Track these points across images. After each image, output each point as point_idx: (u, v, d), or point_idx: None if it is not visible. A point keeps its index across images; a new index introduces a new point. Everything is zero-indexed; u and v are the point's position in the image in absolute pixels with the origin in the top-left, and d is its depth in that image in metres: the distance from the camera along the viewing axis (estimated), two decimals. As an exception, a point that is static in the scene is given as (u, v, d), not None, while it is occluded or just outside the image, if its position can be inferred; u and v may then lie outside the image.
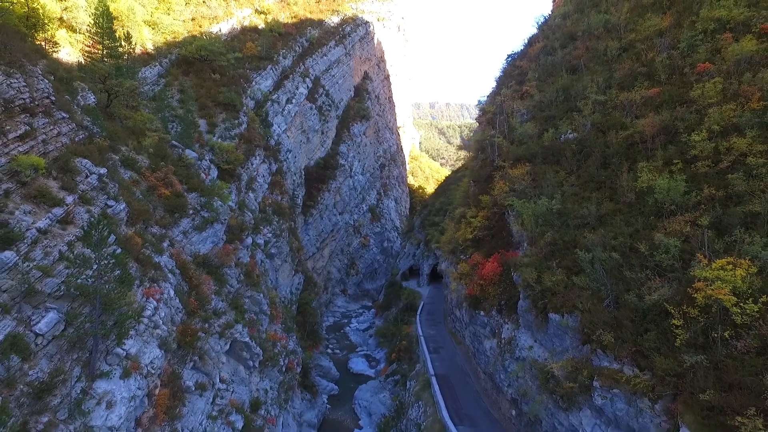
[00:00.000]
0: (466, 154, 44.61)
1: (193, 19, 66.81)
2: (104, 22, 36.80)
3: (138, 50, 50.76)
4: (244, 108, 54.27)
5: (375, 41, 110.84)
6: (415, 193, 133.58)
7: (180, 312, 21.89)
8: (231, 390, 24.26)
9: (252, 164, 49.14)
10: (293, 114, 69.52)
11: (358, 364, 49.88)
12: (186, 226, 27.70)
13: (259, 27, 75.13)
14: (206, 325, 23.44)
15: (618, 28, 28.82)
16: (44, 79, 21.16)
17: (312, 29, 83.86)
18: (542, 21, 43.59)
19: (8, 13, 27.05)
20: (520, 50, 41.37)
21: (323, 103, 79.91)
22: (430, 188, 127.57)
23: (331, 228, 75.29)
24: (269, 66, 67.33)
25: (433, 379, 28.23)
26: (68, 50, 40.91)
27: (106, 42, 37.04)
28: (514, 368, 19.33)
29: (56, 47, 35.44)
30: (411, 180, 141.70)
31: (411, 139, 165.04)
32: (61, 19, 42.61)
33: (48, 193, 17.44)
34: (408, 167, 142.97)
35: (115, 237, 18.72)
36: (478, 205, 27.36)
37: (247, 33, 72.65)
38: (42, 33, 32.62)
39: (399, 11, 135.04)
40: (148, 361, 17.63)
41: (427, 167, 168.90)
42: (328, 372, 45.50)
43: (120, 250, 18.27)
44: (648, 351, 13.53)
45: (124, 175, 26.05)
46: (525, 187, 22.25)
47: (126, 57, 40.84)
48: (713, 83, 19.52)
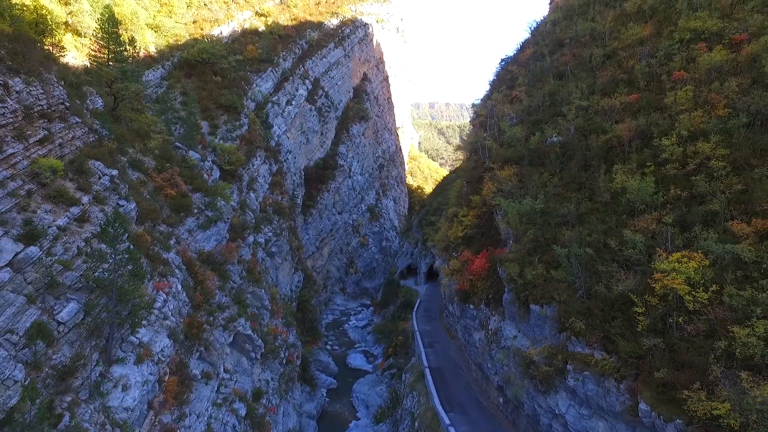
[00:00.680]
0: (462, 155, 46.07)
1: (194, 22, 67.87)
2: (110, 27, 38.08)
3: (141, 53, 52.04)
4: (245, 110, 55.45)
5: (374, 43, 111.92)
6: (414, 193, 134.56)
7: (187, 305, 23.24)
8: (234, 380, 25.61)
9: (253, 165, 50.35)
10: (293, 115, 70.68)
11: (357, 360, 51.18)
12: (191, 225, 29.07)
13: (260, 29, 76.04)
14: (211, 318, 24.79)
15: (603, 36, 30.22)
16: (59, 86, 22.50)
17: (311, 31, 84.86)
18: (535, 26, 45.01)
19: (19, 20, 28.38)
20: (513, 55, 42.77)
21: (323, 104, 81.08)
22: (429, 188, 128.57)
23: (331, 227, 76.50)
24: (269, 68, 68.41)
25: (427, 371, 29.57)
26: (74, 54, 42.14)
27: (111, 47, 38.33)
28: (499, 357, 20.74)
29: (63, 51, 36.72)
30: (410, 180, 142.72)
31: (410, 139, 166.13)
32: (66, 24, 43.83)
33: (66, 194, 18.76)
34: (407, 167, 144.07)
35: (128, 234, 20.07)
36: (469, 204, 28.78)
37: (248, 35, 73.61)
38: (50, 38, 33.91)
39: (398, 13, 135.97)
40: (158, 349, 19.01)
41: (426, 167, 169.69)
42: (327, 367, 46.82)
43: (132, 247, 19.66)
44: (614, 336, 14.91)
45: (132, 176, 27.38)
46: (512, 188, 23.64)
47: (131, 61, 42.16)
48: (685, 91, 20.87)
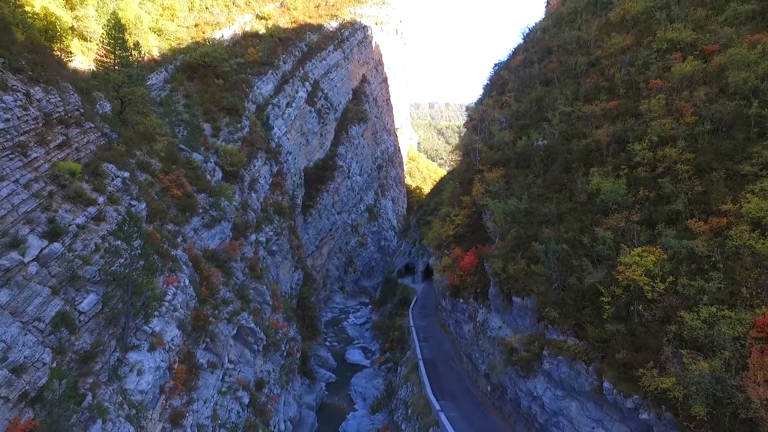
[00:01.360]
0: (458, 157, 47.68)
1: (196, 25, 69.08)
2: (116, 33, 39.50)
3: (145, 57, 53.39)
4: (246, 112, 56.79)
5: (373, 45, 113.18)
6: (412, 194, 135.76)
7: (193, 299, 24.76)
8: (238, 370, 27.13)
9: (254, 166, 51.73)
10: (293, 117, 72.05)
11: (355, 355, 52.69)
12: (196, 224, 30.60)
13: (260, 32, 77.20)
14: (216, 312, 26.31)
15: (588, 44, 31.73)
16: (74, 94, 24.02)
17: (311, 34, 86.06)
18: (527, 32, 46.53)
19: (31, 28, 29.88)
20: (506, 60, 44.24)
21: (322, 106, 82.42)
22: (428, 188, 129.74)
23: (330, 227, 77.85)
24: (270, 71, 69.68)
25: (421, 363, 31.10)
26: (80, 58, 43.57)
27: (118, 52, 39.76)
28: (486, 346, 22.24)
29: (71, 56, 38.18)
30: (408, 180, 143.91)
31: (409, 140, 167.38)
32: (72, 28, 45.23)
33: (83, 194, 20.27)
34: (406, 168, 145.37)
35: (140, 232, 21.57)
36: (460, 204, 30.31)
37: (249, 38, 74.75)
38: (58, 44, 35.36)
39: (397, 15, 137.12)
40: (169, 338, 20.53)
41: (424, 168, 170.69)
42: (326, 361, 48.33)
43: (143, 244, 21.16)
44: (584, 324, 16.41)
45: (140, 177, 28.87)
46: (499, 189, 25.15)
47: (136, 65, 43.54)
48: (658, 99, 22.36)
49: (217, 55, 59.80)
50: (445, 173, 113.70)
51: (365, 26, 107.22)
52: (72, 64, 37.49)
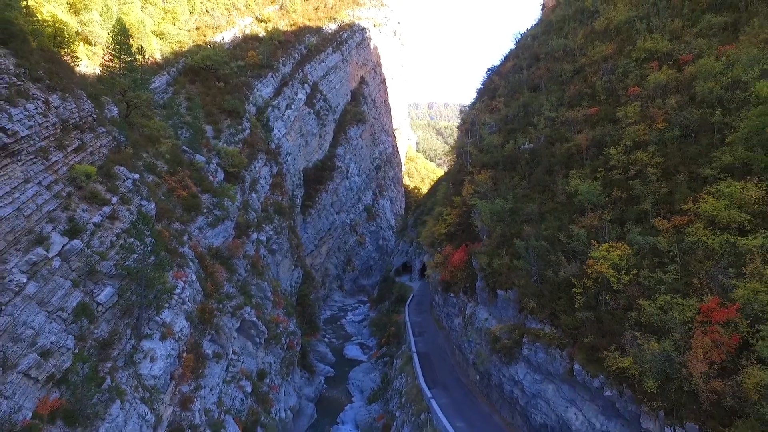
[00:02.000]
0: (453, 158, 49.20)
1: (197, 29, 70.36)
2: (121, 39, 40.93)
3: (148, 60, 54.71)
4: (247, 114, 58.17)
5: (371, 47, 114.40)
6: (410, 194, 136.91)
7: (200, 293, 26.31)
8: (241, 361, 28.70)
9: (255, 167, 53.12)
10: (292, 119, 73.40)
11: (353, 351, 54.23)
12: (201, 223, 32.14)
13: (260, 35, 78.43)
14: (220, 306, 27.86)
15: (574, 52, 33.31)
16: (87, 100, 25.54)
17: (310, 36, 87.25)
18: (519, 37, 48.13)
19: (42, 35, 31.36)
20: (498, 65, 45.79)
21: (321, 107, 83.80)
22: (426, 188, 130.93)
23: (329, 227, 79.22)
24: (270, 73, 70.97)
25: (415, 356, 32.69)
26: (86, 62, 44.97)
27: (123, 57, 41.16)
28: (474, 337, 23.81)
29: (77, 61, 39.60)
30: (407, 181, 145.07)
31: (407, 140, 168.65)
32: (77, 33, 46.59)
33: (98, 195, 21.79)
34: (404, 168, 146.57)
35: (151, 230, 23.12)
36: (452, 204, 31.89)
37: (249, 41, 75.98)
38: (66, 49, 36.77)
39: (395, 17, 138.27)
40: (178, 329, 22.08)
41: (423, 168, 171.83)
42: (324, 356, 49.88)
43: (154, 241, 22.70)
44: (559, 313, 17.99)
45: (147, 178, 30.38)
46: (487, 190, 26.72)
47: (140, 69, 44.85)
48: (633, 106, 23.94)
49: (218, 59, 61.06)
50: (443, 173, 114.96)
51: (363, 28, 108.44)
52: (78, 69, 38.95)
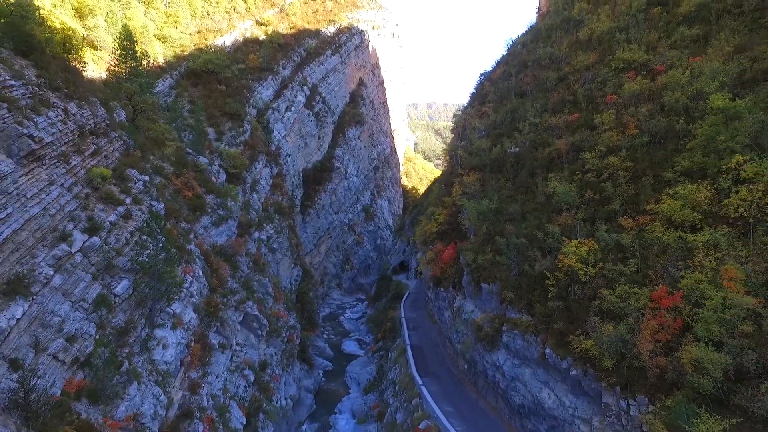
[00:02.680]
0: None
1: (198, 32, 71.88)
2: (127, 45, 42.58)
3: (152, 64, 56.31)
4: (248, 117, 59.79)
5: (370, 49, 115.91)
6: (408, 194, 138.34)
7: (206, 288, 28.09)
8: (244, 351, 30.49)
9: (255, 168, 54.76)
10: (292, 121, 75.00)
11: (350, 346, 56.03)
12: (206, 222, 33.93)
13: (260, 38, 79.85)
14: (225, 300, 29.66)
15: (559, 61, 35.12)
16: (101, 107, 27.32)
17: (309, 39, 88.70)
18: (511, 44, 49.91)
19: (53, 42, 33.06)
20: (490, 71, 47.62)
21: (320, 109, 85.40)
22: (423, 189, 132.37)
23: (328, 226, 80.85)
24: (270, 76, 72.49)
25: (408, 348, 34.51)
26: (92, 67, 46.66)
27: (129, 62, 42.84)
28: (461, 328, 25.61)
29: (85, 66, 41.26)
30: (405, 181, 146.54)
31: (405, 141, 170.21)
32: (83, 38, 48.18)
33: (113, 196, 23.56)
34: (402, 169, 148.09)
35: (161, 229, 24.91)
36: (443, 204, 33.70)
37: (249, 44, 77.47)
38: (75, 55, 38.44)
39: (393, 19, 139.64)
40: (187, 319, 23.87)
41: (421, 168, 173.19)
42: (323, 351, 51.69)
43: (164, 239, 24.48)
44: (534, 303, 19.79)
45: (155, 180, 32.13)
46: (474, 191, 28.51)
47: (145, 74, 46.47)
48: (609, 113, 25.74)
49: (220, 62, 62.61)
50: (440, 174, 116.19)
51: (362, 31, 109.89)
52: (85, 73, 40.57)
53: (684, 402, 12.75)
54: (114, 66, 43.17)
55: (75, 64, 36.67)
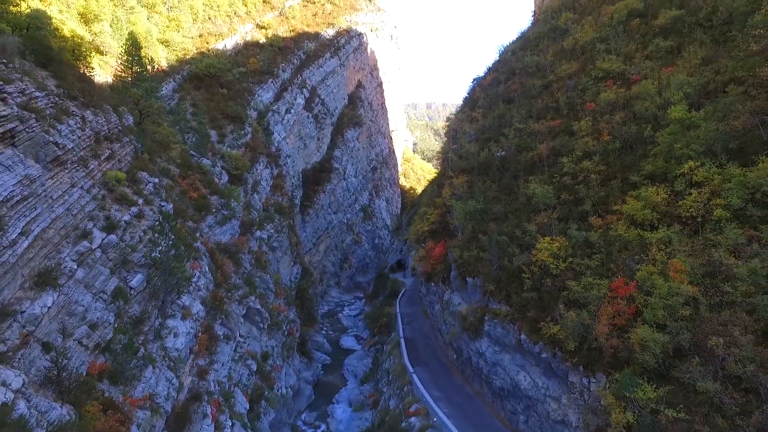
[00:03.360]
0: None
1: (200, 36, 73.57)
2: (134, 51, 44.42)
3: (156, 68, 58.07)
4: (249, 119, 61.53)
5: (368, 51, 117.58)
6: (406, 194, 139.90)
7: (211, 283, 30.06)
8: (247, 343, 32.47)
9: (256, 169, 56.55)
10: (292, 123, 76.81)
11: (348, 342, 57.99)
12: (210, 222, 35.88)
13: (261, 42, 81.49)
14: (229, 294, 31.61)
15: (544, 69, 37.08)
16: (113, 114, 29.26)
17: (309, 42, 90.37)
18: (502, 51, 51.89)
19: (64, 50, 34.92)
20: (482, 76, 49.59)
21: (319, 111, 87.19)
22: (422, 189, 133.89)
23: (327, 226, 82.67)
24: (270, 79, 74.20)
25: (402, 340, 36.51)
26: (98, 71, 48.47)
27: (135, 68, 44.66)
28: (449, 320, 27.58)
29: (93, 71, 43.07)
30: (403, 181, 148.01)
31: (404, 141, 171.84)
32: (89, 43, 49.94)
33: (127, 197, 25.48)
34: (400, 169, 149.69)
35: (171, 228, 26.86)
36: (434, 205, 35.65)
37: (250, 48, 79.11)
38: (83, 61, 40.25)
39: (392, 21, 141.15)
40: (195, 311, 25.84)
41: (419, 169, 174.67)
42: (322, 346, 53.66)
43: (174, 237, 26.43)
44: (512, 294, 21.77)
45: (163, 181, 34.05)
46: (462, 192, 30.46)
47: (150, 79, 48.27)
48: (586, 121, 27.70)
49: (221, 66, 64.31)
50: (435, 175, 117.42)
51: (361, 33, 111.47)
52: (93, 79, 42.36)
53: (630, 375, 14.70)
54: (121, 72, 45.02)
55: (84, 70, 38.56)
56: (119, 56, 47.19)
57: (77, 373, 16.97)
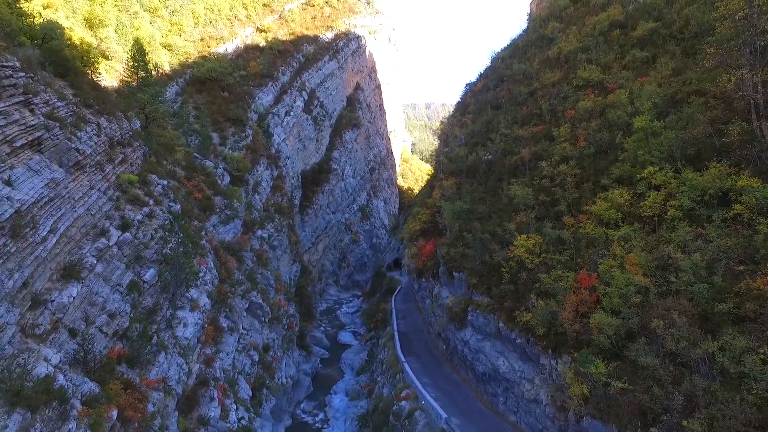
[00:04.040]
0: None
1: (202, 40, 75.22)
2: (139, 58, 46.35)
3: (160, 72, 59.91)
4: (250, 122, 63.32)
5: (366, 53, 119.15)
6: (404, 194, 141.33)
7: (216, 278, 32.10)
8: (250, 335, 34.53)
9: (257, 171, 58.47)
10: (291, 125, 78.57)
11: (346, 337, 60.04)
12: (215, 221, 37.93)
13: (261, 45, 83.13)
14: (233, 289, 33.66)
15: (530, 77, 39.15)
16: (125, 120, 31.29)
17: (308, 45, 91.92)
18: (494, 56, 53.95)
19: (76, 58, 36.89)
20: (474, 81, 51.63)
21: (318, 113, 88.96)
22: (419, 189, 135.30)
23: (325, 225, 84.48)
24: (270, 82, 75.82)
25: (396, 333, 38.57)
26: (104, 76, 50.31)
27: (140, 74, 46.57)
28: (438, 312, 29.66)
29: (99, 76, 44.97)
30: (401, 182, 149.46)
31: (402, 142, 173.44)
32: (96, 48, 51.75)
33: (139, 198, 27.52)
34: (399, 169, 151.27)
35: (180, 226, 28.92)
36: (426, 205, 37.72)
37: (250, 51, 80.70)
38: (92, 67, 42.13)
39: (390, 24, 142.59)
40: (202, 304, 27.89)
41: (417, 169, 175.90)
42: (320, 341, 55.70)
43: (182, 235, 28.47)
44: (492, 287, 23.84)
45: (170, 183, 36.05)
46: (451, 193, 32.51)
47: (154, 83, 50.15)
48: (565, 127, 29.78)
49: (223, 70, 65.99)
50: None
51: (359, 36, 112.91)
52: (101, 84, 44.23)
53: (587, 354, 16.76)
54: (127, 77, 46.89)
55: (92, 75, 40.44)
56: (125, 62, 49.04)
57: (101, 356, 19.00)
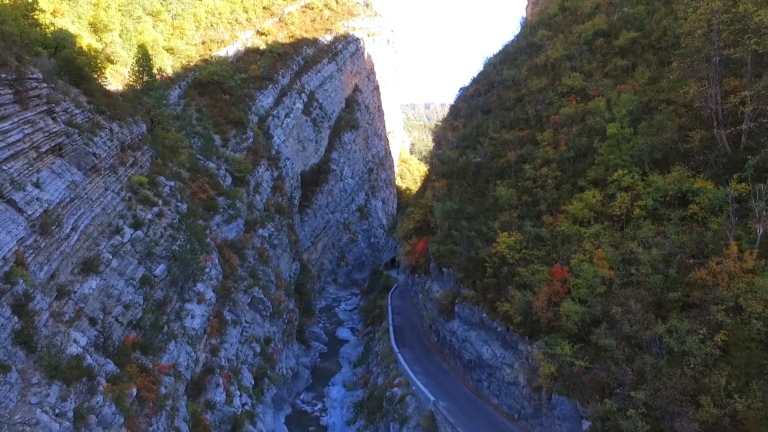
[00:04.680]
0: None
1: (203, 43, 76.89)
2: (144, 62, 48.12)
3: (163, 76, 61.62)
4: (251, 124, 65.06)
5: (365, 55, 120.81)
6: (402, 194, 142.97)
7: (220, 274, 34.01)
8: (252, 328, 36.46)
9: (258, 172, 60.20)
10: (291, 126, 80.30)
11: (344, 333, 61.96)
12: (218, 221, 39.84)
13: (261, 48, 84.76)
14: (236, 285, 35.58)
15: (519, 83, 41.08)
16: (136, 125, 33.20)
17: (307, 48, 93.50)
18: (486, 62, 55.85)
19: (86, 65, 38.67)
20: (468, 85, 53.57)
21: (317, 115, 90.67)
22: (417, 189, 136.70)
23: (324, 225, 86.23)
24: (270, 85, 77.38)
25: (390, 327, 40.51)
26: (109, 80, 52.05)
27: (145, 78, 48.34)
28: (429, 306, 31.59)
29: (106, 81, 46.77)
30: (399, 182, 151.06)
31: (401, 142, 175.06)
32: (101, 53, 53.44)
33: (149, 199, 29.42)
34: (397, 170, 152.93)
35: (187, 225, 30.84)
36: (419, 205, 39.67)
37: (250, 54, 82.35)
38: (98, 72, 43.88)
39: (388, 26, 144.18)
40: (208, 297, 29.80)
41: (415, 170, 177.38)
42: (319, 336, 57.63)
43: (189, 233, 30.38)
44: (476, 280, 25.78)
45: (176, 184, 37.92)
46: (442, 194, 34.45)
47: (159, 87, 51.88)
48: (548, 132, 31.73)
49: (224, 73, 67.56)
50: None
51: (358, 38, 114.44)
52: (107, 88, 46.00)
53: (556, 338, 18.71)
54: (132, 82, 48.64)
55: (99, 80, 42.15)
56: (130, 66, 50.74)
57: (119, 342, 20.93)
